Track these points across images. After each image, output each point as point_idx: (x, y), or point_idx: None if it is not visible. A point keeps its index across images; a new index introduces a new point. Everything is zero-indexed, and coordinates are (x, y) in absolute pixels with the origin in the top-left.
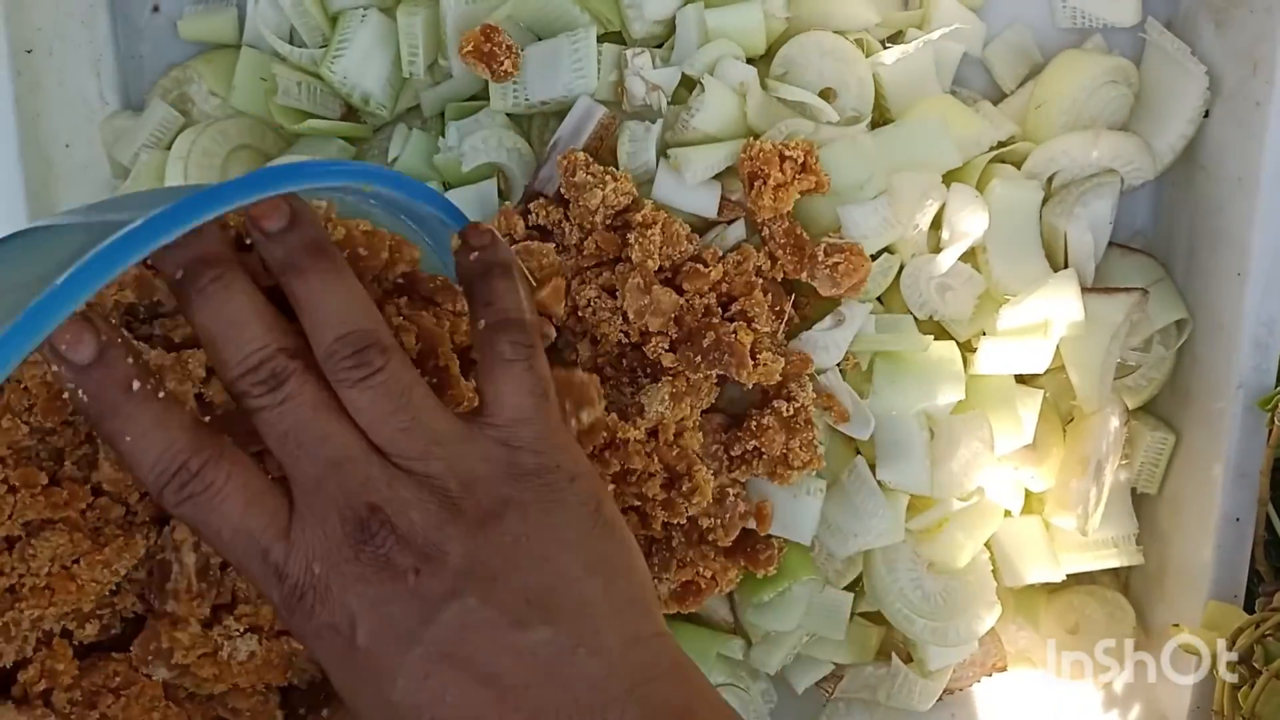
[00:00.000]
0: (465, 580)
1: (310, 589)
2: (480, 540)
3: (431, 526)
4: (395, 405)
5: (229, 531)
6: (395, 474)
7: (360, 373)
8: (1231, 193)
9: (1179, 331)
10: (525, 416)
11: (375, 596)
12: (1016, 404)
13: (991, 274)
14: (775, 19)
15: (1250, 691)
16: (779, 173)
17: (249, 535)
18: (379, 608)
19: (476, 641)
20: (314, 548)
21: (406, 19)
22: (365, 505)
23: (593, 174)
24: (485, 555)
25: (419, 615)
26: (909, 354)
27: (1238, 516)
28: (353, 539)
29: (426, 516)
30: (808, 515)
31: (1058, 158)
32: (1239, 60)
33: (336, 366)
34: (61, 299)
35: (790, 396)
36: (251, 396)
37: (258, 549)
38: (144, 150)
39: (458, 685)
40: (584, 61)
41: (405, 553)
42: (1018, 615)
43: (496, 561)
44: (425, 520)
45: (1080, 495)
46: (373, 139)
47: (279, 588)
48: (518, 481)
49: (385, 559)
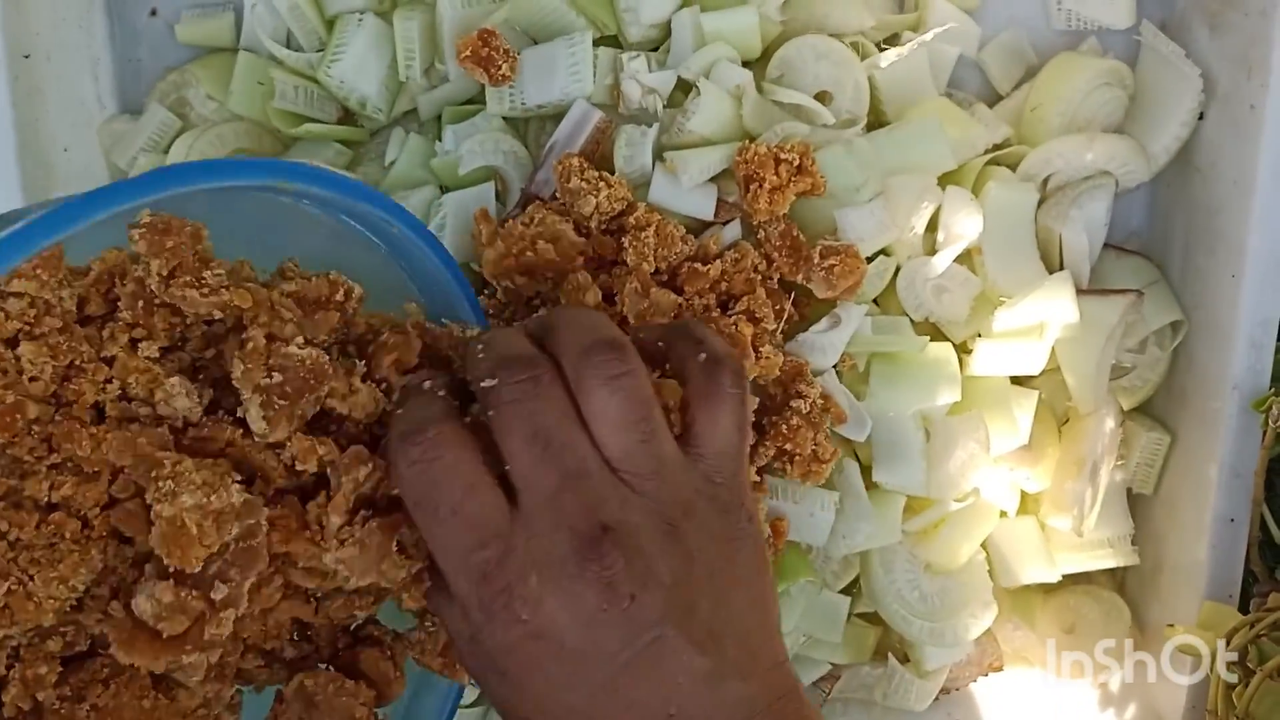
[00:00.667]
0: (669, 610)
1: (521, 598)
2: (686, 571)
3: (655, 554)
4: (640, 414)
5: (446, 510)
6: (628, 495)
7: (616, 369)
8: (1226, 195)
9: (1174, 333)
10: (730, 452)
11: (590, 615)
12: (1012, 405)
13: (987, 276)
14: (770, 22)
15: (1245, 691)
16: (774, 176)
17: (466, 522)
18: (591, 627)
19: (667, 664)
20: (536, 557)
21: (403, 23)
22: (599, 524)
23: (587, 180)
24: (687, 587)
25: (625, 638)
26: (905, 356)
27: (1232, 517)
28: (580, 555)
29: (652, 543)
30: (821, 530)
31: (1053, 160)
32: (1233, 63)
33: (592, 363)
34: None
35: (802, 394)
36: (507, 386)
37: (470, 541)
38: (142, 154)
39: (642, 698)
40: (580, 65)
41: (628, 578)
42: (1014, 615)
43: (692, 593)
44: (651, 547)
45: (1076, 496)
46: (369, 142)
47: (481, 587)
48: (719, 517)
49: (609, 581)
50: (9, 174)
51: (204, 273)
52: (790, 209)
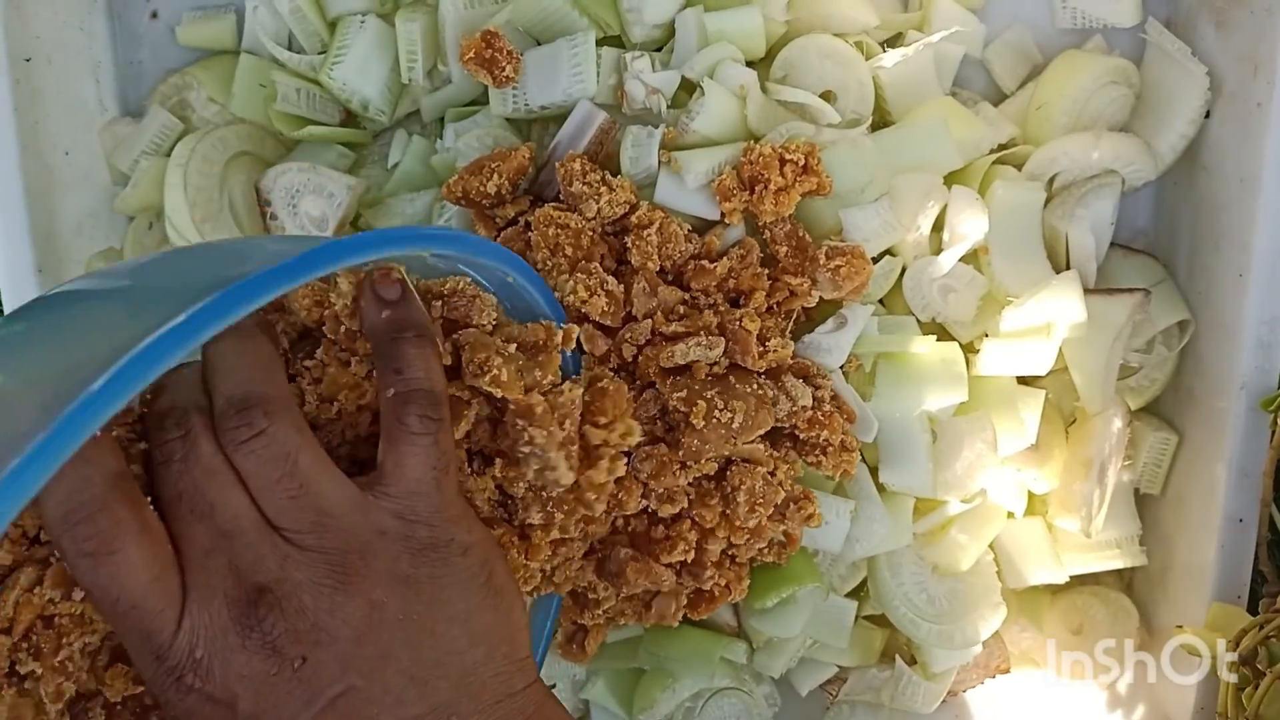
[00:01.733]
0: (352, 663)
1: (191, 670)
2: (372, 620)
3: (323, 610)
4: (280, 471)
5: (125, 605)
6: (288, 551)
7: (243, 434)
8: (1233, 193)
9: (1181, 332)
10: (423, 491)
11: (260, 682)
12: (1019, 405)
13: (994, 276)
14: (775, 22)
15: (1254, 693)
16: (779, 177)
17: (144, 616)
18: (264, 694)
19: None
20: (199, 631)
21: (405, 25)
22: (254, 587)
23: (589, 184)
24: (375, 635)
25: (304, 700)
26: (912, 356)
27: (1241, 517)
28: (239, 623)
29: (319, 599)
30: (836, 538)
31: (1058, 159)
32: (1240, 61)
33: (224, 428)
34: (100, 403)
35: (819, 385)
36: (157, 447)
37: (141, 631)
38: (143, 157)
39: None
40: (583, 66)
41: (293, 640)
42: (1021, 616)
43: (385, 640)
44: (317, 603)
45: (1084, 497)
46: (372, 145)
47: (157, 670)
48: (413, 557)
49: (272, 646)
50: (11, 176)
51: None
52: (795, 209)
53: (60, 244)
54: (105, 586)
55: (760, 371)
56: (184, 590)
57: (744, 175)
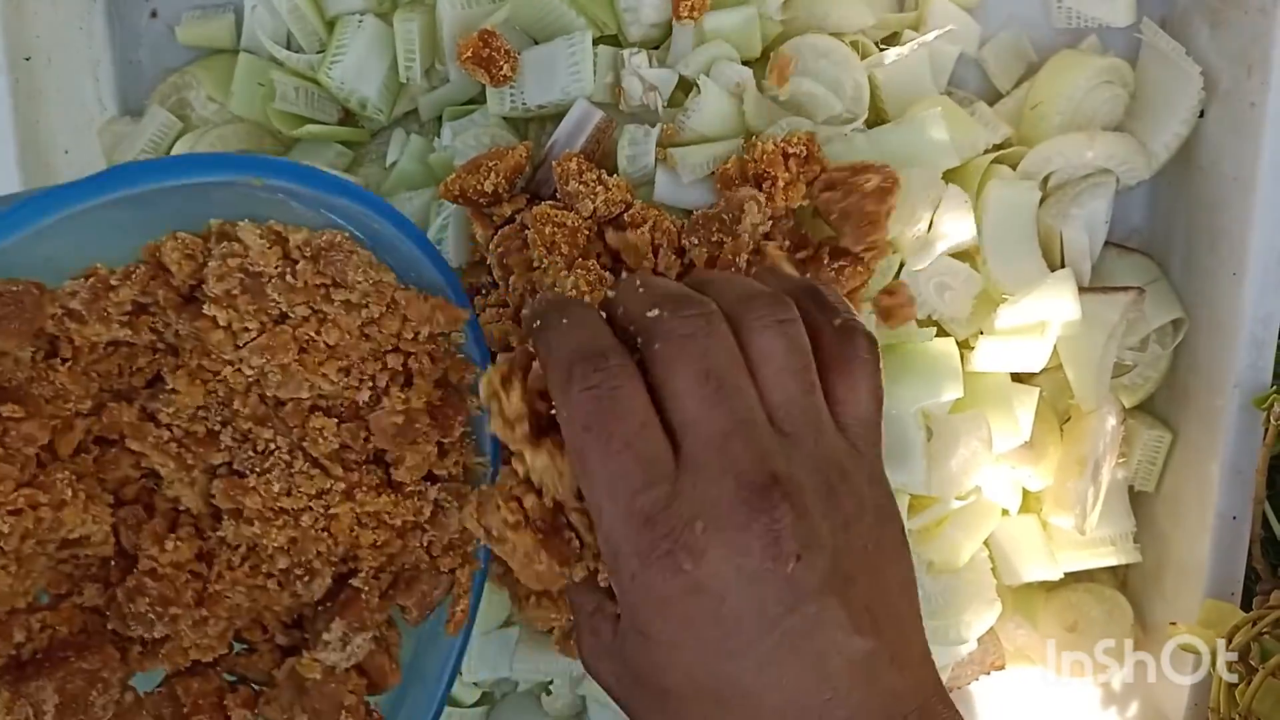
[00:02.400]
0: (831, 578)
1: (685, 546)
2: (845, 540)
3: (819, 514)
4: (803, 362)
5: (620, 442)
6: (792, 452)
7: (782, 314)
8: (1227, 192)
9: (1175, 330)
10: (871, 420)
11: (755, 573)
12: (1013, 402)
13: (989, 273)
14: (770, 21)
15: (1246, 689)
16: (785, 172)
17: (638, 458)
18: (754, 586)
19: (825, 639)
20: (702, 504)
21: (403, 24)
22: (769, 474)
23: (585, 183)
24: (846, 556)
25: (787, 603)
26: (908, 350)
27: (1234, 514)
28: (749, 505)
29: (816, 503)
30: None
31: (1053, 158)
32: (1234, 61)
33: (756, 307)
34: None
35: None
36: (680, 319)
37: (639, 479)
38: (143, 155)
39: (796, 676)
40: (580, 65)
41: (794, 536)
42: (1016, 613)
43: (852, 565)
44: (815, 506)
45: (1078, 495)
46: (370, 143)
47: (643, 532)
48: (870, 488)
49: (776, 537)
50: (10, 176)
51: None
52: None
53: None
54: (604, 420)
55: None
56: (677, 458)
57: (749, 173)
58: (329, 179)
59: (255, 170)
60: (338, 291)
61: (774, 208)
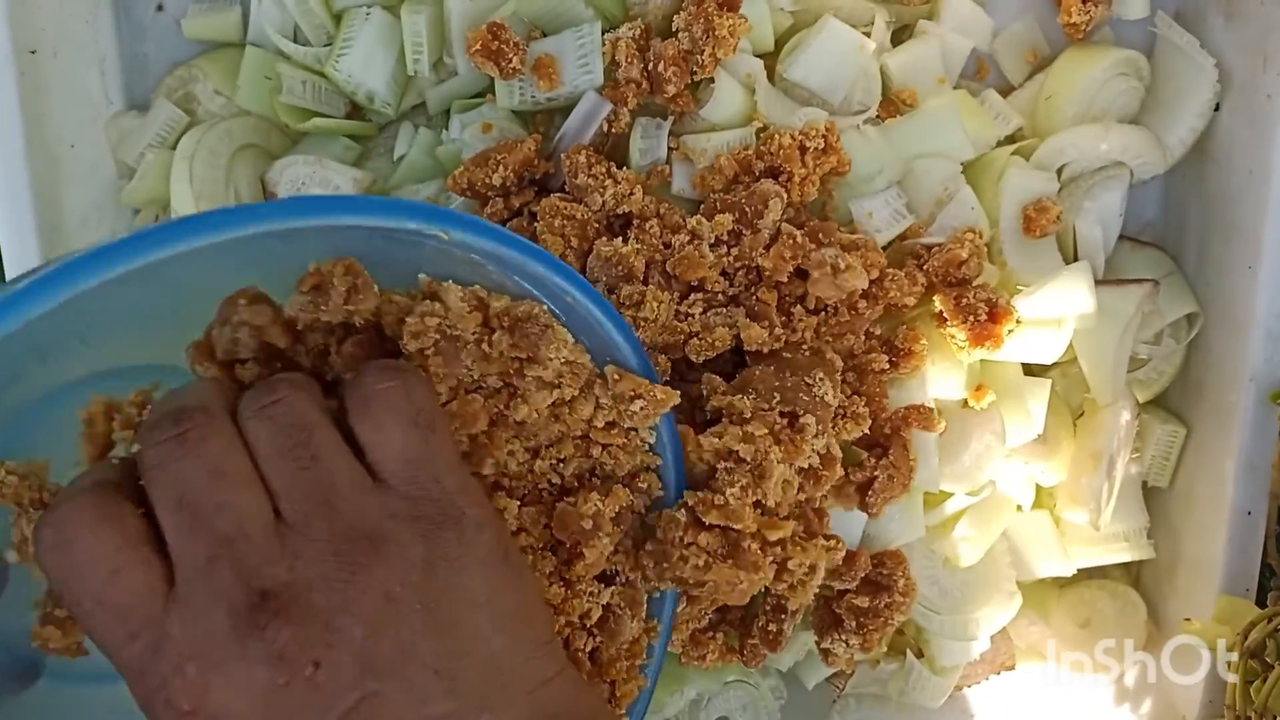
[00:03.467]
0: (370, 662)
1: (180, 691)
2: (389, 614)
3: (335, 609)
4: (294, 440)
5: (90, 602)
6: (297, 548)
7: (262, 400)
8: (1242, 185)
9: (1190, 325)
10: (415, 456)
11: (268, 694)
12: (1026, 396)
13: (1005, 265)
14: (782, 13)
15: (1262, 686)
16: (801, 167)
17: (111, 614)
18: (277, 705)
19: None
20: (193, 643)
21: (410, 17)
22: (258, 593)
23: (594, 177)
24: (392, 630)
25: (320, 709)
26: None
27: (1249, 510)
28: (239, 632)
29: (330, 597)
30: (854, 532)
31: (1066, 150)
32: (1249, 53)
33: (245, 402)
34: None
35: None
36: (149, 449)
37: (119, 634)
38: (149, 150)
39: None
40: (589, 57)
41: (303, 645)
42: (1029, 609)
43: (404, 634)
44: (329, 602)
45: (1092, 491)
46: (378, 137)
47: (137, 685)
48: (427, 539)
49: (278, 655)
50: (17, 170)
51: None
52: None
53: (66, 237)
54: (68, 582)
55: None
56: (168, 593)
57: (754, 168)
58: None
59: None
60: (531, 367)
61: (791, 204)
